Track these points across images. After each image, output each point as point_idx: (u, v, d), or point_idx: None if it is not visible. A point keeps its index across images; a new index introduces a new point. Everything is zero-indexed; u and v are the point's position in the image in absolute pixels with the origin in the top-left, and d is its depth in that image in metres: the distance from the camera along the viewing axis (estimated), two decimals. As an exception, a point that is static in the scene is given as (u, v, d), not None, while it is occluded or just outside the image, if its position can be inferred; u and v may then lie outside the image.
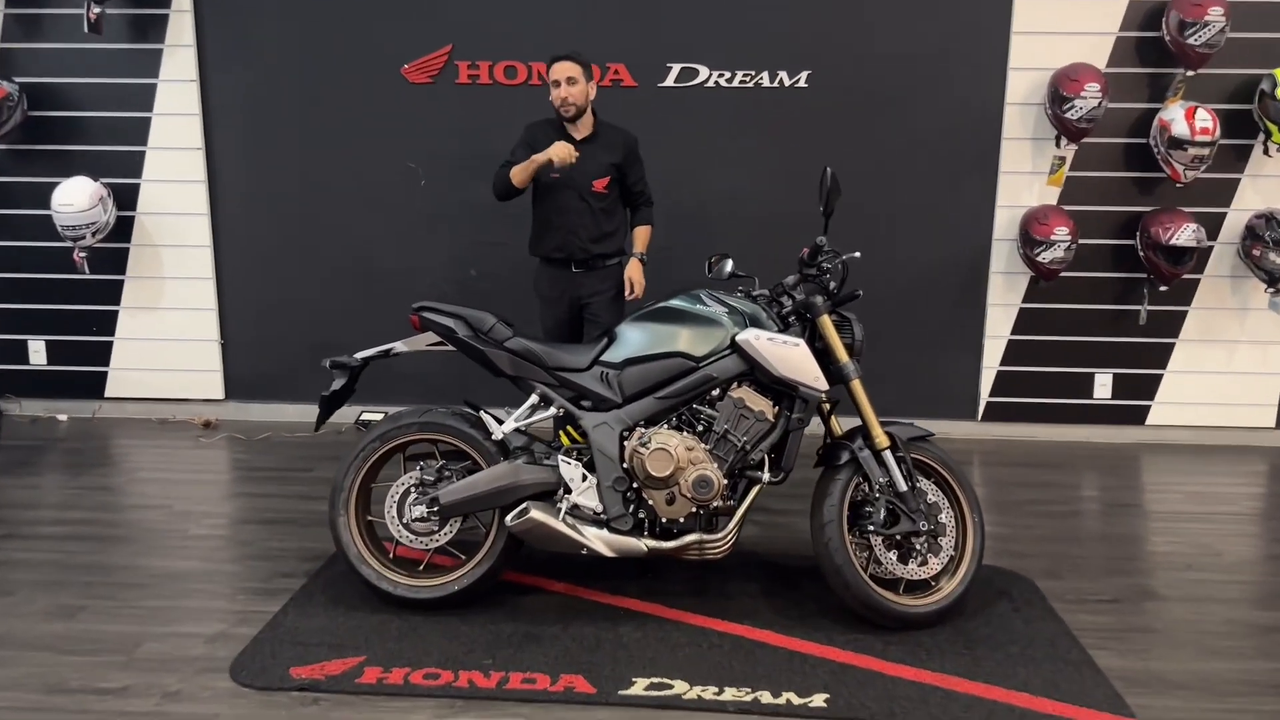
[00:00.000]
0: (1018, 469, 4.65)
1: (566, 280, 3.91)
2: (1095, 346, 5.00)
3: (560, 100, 3.73)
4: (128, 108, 4.99)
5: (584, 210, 3.83)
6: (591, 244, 3.86)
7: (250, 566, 3.42)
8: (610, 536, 2.91)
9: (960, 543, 3.06)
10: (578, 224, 3.84)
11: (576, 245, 3.85)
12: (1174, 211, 4.69)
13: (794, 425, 2.92)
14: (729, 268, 3.37)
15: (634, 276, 3.91)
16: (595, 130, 3.87)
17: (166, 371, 5.23)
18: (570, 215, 3.83)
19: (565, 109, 3.74)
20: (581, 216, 3.83)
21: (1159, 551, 3.69)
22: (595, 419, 2.96)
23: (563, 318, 3.94)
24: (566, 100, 3.72)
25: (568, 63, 3.72)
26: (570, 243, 3.85)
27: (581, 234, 3.84)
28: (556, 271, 3.93)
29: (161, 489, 4.21)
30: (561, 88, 3.71)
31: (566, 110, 3.74)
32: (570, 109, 3.74)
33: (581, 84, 3.73)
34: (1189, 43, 4.44)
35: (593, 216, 3.85)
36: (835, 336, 2.98)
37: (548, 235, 3.90)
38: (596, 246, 3.88)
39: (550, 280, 3.96)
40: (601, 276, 3.93)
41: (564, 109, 3.74)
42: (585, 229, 3.85)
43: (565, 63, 3.72)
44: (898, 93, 4.82)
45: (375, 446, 3.02)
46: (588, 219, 3.84)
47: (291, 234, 5.09)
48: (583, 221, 3.84)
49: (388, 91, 4.91)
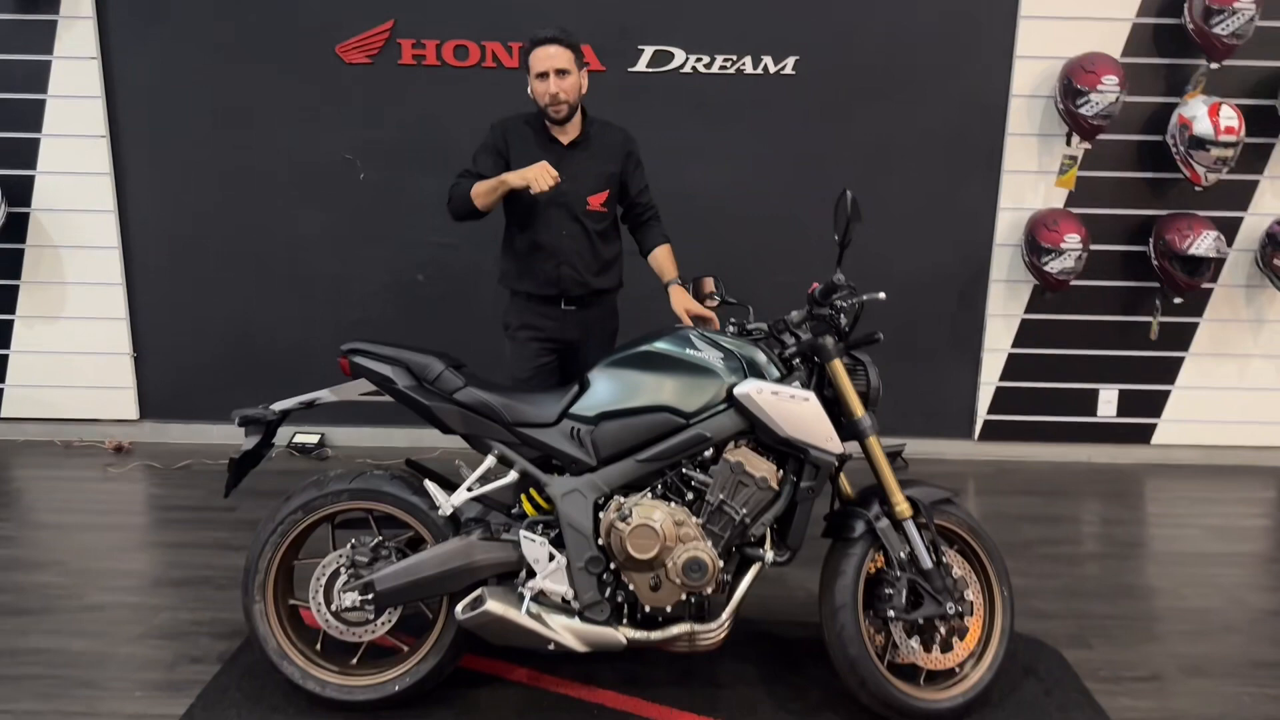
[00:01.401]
0: (1020, 498, 4.26)
1: (555, 320, 3.11)
2: (1101, 360, 4.62)
3: (549, 98, 2.93)
4: (17, 88, 4.34)
5: (579, 234, 3.06)
6: (591, 276, 3.09)
7: (154, 648, 2.88)
8: (583, 628, 2.43)
9: (988, 622, 2.64)
10: (572, 252, 3.05)
11: (572, 279, 3.06)
12: (1191, 217, 4.30)
13: (802, 495, 2.45)
14: (711, 289, 2.94)
15: (691, 309, 2.98)
16: (585, 131, 3.08)
17: (71, 389, 4.63)
18: (563, 241, 3.04)
19: (556, 109, 2.95)
20: (577, 242, 3.06)
21: (1192, 609, 3.31)
22: (564, 485, 2.47)
23: (545, 364, 3.13)
24: (558, 98, 2.93)
25: (556, 47, 2.91)
26: (564, 276, 3.06)
27: (578, 264, 3.06)
28: (541, 309, 3.11)
29: (57, 539, 3.64)
30: (550, 81, 2.92)
31: (557, 111, 2.96)
32: (562, 109, 2.96)
33: (574, 75, 2.95)
34: (1215, 32, 4.02)
35: (590, 241, 3.08)
36: (849, 385, 2.51)
37: (533, 267, 3.07)
38: (597, 280, 3.11)
39: (530, 319, 3.12)
40: (599, 314, 3.17)
41: (554, 109, 2.96)
42: (582, 258, 3.07)
43: (553, 47, 2.91)
44: (893, 82, 4.35)
45: (297, 518, 2.50)
46: (584, 245, 3.07)
47: (212, 233, 4.49)
48: (579, 248, 3.06)
49: (321, 72, 4.32)
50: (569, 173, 2.93)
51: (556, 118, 2.98)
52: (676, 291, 3.07)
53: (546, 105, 2.96)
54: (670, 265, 3.17)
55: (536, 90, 2.97)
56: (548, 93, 2.92)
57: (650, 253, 3.22)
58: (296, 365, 4.53)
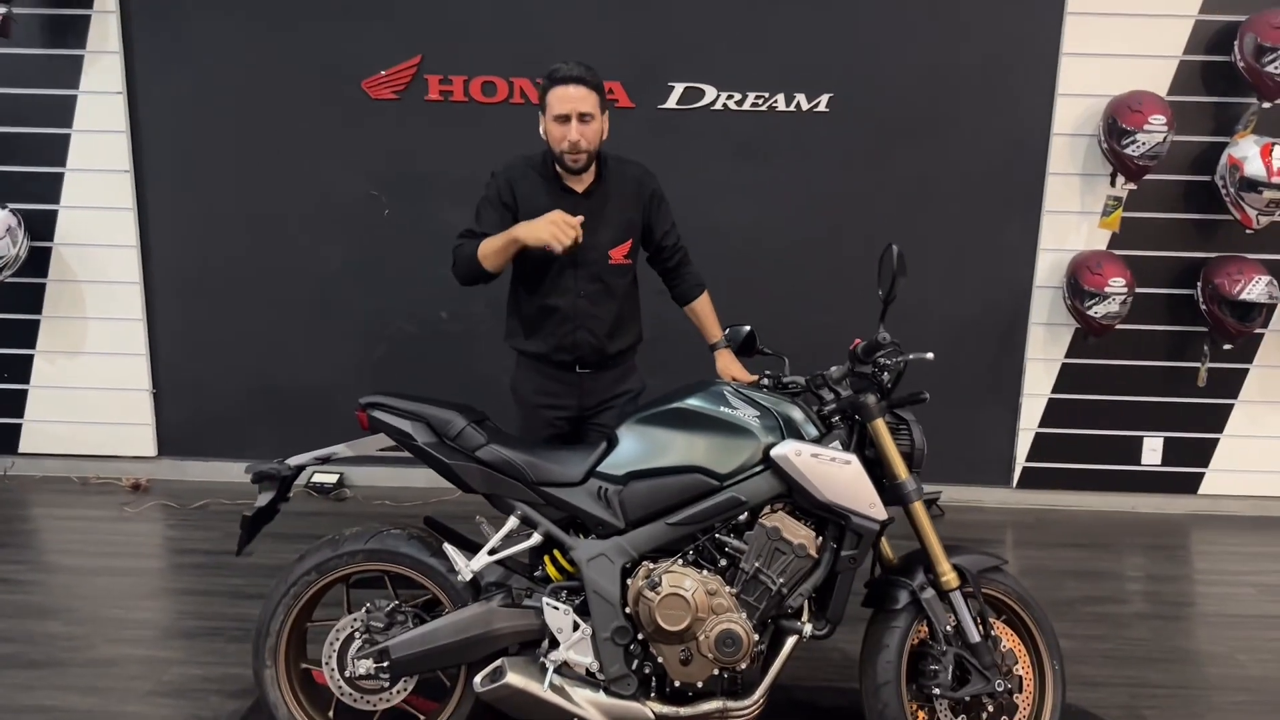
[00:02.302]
0: (1062, 550, 4.09)
1: (568, 385, 2.79)
2: (1145, 407, 4.45)
3: (568, 145, 2.56)
4: (42, 123, 4.31)
5: (599, 294, 2.71)
6: (608, 339, 2.76)
7: (162, 708, 2.77)
8: (609, 702, 2.30)
9: (1038, 698, 2.48)
10: (590, 314, 2.71)
11: (589, 343, 2.73)
12: (1241, 260, 4.14)
13: (843, 565, 2.31)
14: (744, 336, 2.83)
15: (740, 378, 2.76)
16: (600, 176, 2.72)
17: (90, 424, 4.57)
18: (581, 302, 2.70)
19: (575, 158, 2.59)
20: (597, 303, 2.71)
21: (1249, 676, 3.13)
22: (590, 549, 2.35)
23: (558, 432, 2.82)
24: (578, 146, 2.56)
25: (580, 89, 2.55)
26: (581, 341, 2.72)
27: (595, 327, 2.72)
28: (553, 373, 2.78)
29: (69, 583, 3.56)
30: (571, 127, 2.55)
31: (576, 160, 2.59)
32: (581, 159, 2.59)
33: (598, 121, 2.59)
34: (1267, 70, 3.88)
35: (611, 301, 2.73)
36: (892, 446, 2.38)
37: (545, 328, 2.74)
38: (614, 342, 2.78)
39: (542, 384, 2.80)
40: (616, 377, 2.83)
41: (572, 158, 2.59)
42: (600, 320, 2.72)
43: (576, 88, 2.54)
44: (930, 120, 4.23)
45: (310, 580, 2.39)
46: (604, 306, 2.73)
47: (233, 269, 4.43)
48: (598, 311, 2.72)
49: (346, 108, 4.26)
50: (587, 225, 2.59)
51: (574, 167, 2.62)
52: (724, 357, 2.89)
53: (564, 152, 2.59)
54: (713, 322, 2.95)
55: (553, 135, 2.60)
56: (567, 139, 2.56)
57: (688, 304, 2.98)
58: (318, 403, 4.45)
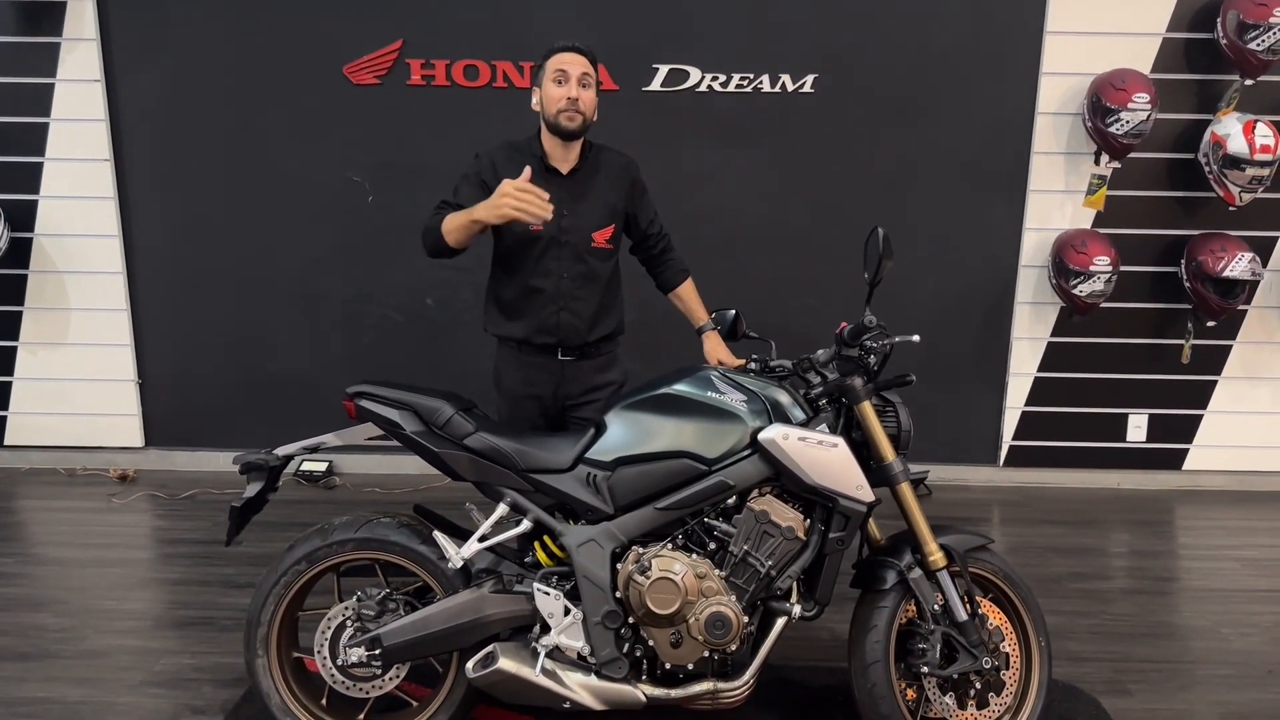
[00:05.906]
0: (1048, 527, 4.13)
1: (550, 372, 2.77)
2: (1130, 384, 4.48)
3: (565, 103, 2.60)
4: (19, 112, 4.26)
5: (582, 276, 2.72)
6: (590, 325, 2.76)
7: (154, 698, 2.77)
8: (600, 685, 2.31)
9: (1025, 674, 2.51)
10: (573, 297, 2.71)
11: (572, 327, 2.73)
12: (1225, 237, 4.17)
13: (831, 547, 2.33)
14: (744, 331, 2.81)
15: (727, 361, 2.82)
16: (585, 158, 2.75)
17: (75, 416, 4.55)
18: (564, 284, 2.70)
19: (569, 116, 2.61)
20: (580, 286, 2.72)
21: (1233, 649, 3.17)
22: (580, 535, 2.36)
23: (540, 421, 2.81)
24: (576, 104, 2.61)
25: (580, 56, 2.65)
26: (564, 324, 2.72)
27: (580, 311, 2.73)
28: (534, 360, 2.77)
29: (59, 576, 3.54)
30: (570, 85, 2.61)
31: (570, 119, 2.61)
32: (576, 119, 2.62)
33: (593, 90, 2.67)
34: (1249, 48, 3.89)
35: (594, 285, 2.74)
36: (879, 428, 2.39)
37: (528, 311, 2.73)
38: (596, 329, 2.77)
39: (524, 371, 2.78)
40: (598, 367, 2.82)
41: (567, 116, 2.61)
42: (585, 303, 2.73)
43: (576, 54, 2.64)
44: (915, 100, 4.23)
45: (301, 569, 2.39)
46: (588, 289, 2.73)
47: (217, 257, 4.41)
48: (582, 293, 2.72)
49: (328, 93, 4.23)
50: (571, 206, 2.66)
51: (568, 127, 2.62)
52: (711, 340, 2.91)
53: (560, 111, 2.61)
54: (698, 306, 2.98)
55: (550, 95, 2.63)
56: (565, 96, 2.60)
57: (673, 290, 3.01)
58: (304, 390, 4.44)
